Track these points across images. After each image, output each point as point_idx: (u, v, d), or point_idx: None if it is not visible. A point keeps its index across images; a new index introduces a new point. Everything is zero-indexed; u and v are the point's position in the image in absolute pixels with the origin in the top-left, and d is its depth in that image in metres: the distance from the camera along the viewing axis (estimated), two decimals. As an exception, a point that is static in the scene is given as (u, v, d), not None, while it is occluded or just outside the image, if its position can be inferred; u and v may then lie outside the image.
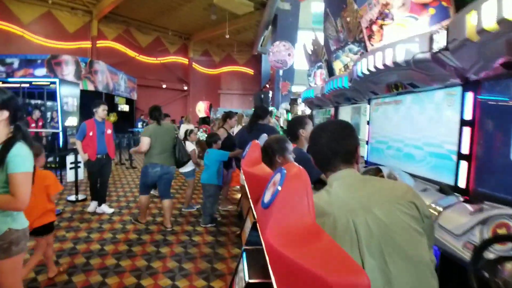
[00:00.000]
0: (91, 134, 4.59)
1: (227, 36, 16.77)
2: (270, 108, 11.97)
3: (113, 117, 13.30)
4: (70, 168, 5.18)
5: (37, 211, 2.57)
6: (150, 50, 20.01)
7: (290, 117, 9.21)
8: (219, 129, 4.75)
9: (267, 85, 19.90)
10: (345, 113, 3.87)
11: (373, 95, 2.80)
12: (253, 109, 14.87)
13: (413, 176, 2.30)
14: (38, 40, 14.85)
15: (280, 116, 12.15)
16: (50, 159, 7.92)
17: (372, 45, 2.66)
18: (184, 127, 10.79)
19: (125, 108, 14.51)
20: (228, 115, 4.85)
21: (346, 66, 3.45)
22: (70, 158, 5.18)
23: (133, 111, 15.96)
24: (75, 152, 5.18)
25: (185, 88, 22.03)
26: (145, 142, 3.92)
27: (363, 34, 2.76)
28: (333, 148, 1.16)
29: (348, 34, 3.26)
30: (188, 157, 4.30)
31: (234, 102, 23.90)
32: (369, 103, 2.95)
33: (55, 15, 15.50)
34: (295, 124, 2.63)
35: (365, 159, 3.02)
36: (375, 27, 2.54)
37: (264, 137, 3.53)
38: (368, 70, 2.32)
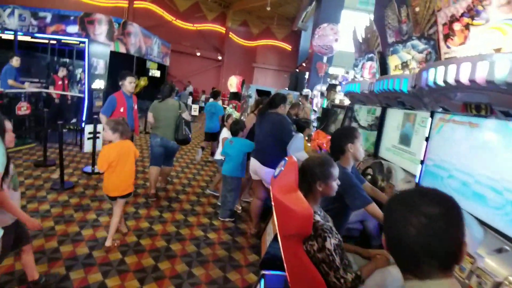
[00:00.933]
0: (122, 110, 4.15)
1: (268, 8, 15.87)
2: (306, 90, 11.32)
3: (143, 81, 13.17)
4: (88, 139, 4.97)
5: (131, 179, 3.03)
6: (188, 16, 19.51)
7: (325, 103, 8.59)
8: (250, 115, 4.34)
9: (304, 64, 18.97)
10: (394, 117, 3.31)
11: (440, 108, 2.25)
12: (286, 89, 14.28)
13: (482, 223, 1.80)
14: (77, -5, 14.75)
15: (313, 98, 11.50)
16: (74, 120, 7.96)
17: (448, 47, 2.08)
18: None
19: (156, 73, 14.31)
20: (261, 102, 4.40)
21: (405, 64, 2.86)
22: (88, 128, 4.97)
23: (164, 77, 15.74)
24: (96, 121, 4.95)
25: (220, 58, 21.53)
26: (149, 116, 4.30)
27: (437, 31, 2.18)
28: (428, 245, 0.75)
29: (414, 26, 2.65)
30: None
31: (268, 77, 23.19)
32: (431, 116, 2.40)
33: (95, -30, 15.25)
34: (342, 137, 2.17)
35: (416, 181, 2.51)
36: (457, 26, 1.95)
37: (298, 140, 3.16)
38: (446, 82, 1.78)
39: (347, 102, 6.01)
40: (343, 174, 1.97)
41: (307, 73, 12.51)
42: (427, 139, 2.44)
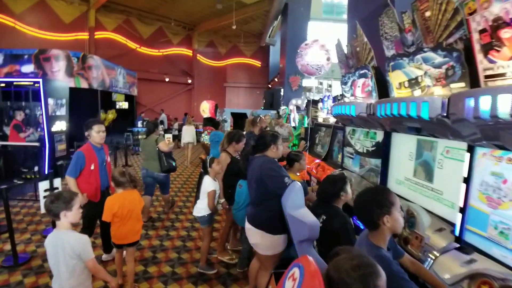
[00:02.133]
0: (92, 167, 3.33)
1: (234, 27, 15.52)
2: (283, 107, 10.82)
3: (111, 114, 12.28)
4: (44, 197, 4.09)
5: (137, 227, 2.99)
6: (152, 42, 18.85)
7: (306, 121, 8.08)
8: (222, 153, 3.65)
9: (276, 79, 18.68)
10: (403, 144, 2.76)
11: (485, 142, 1.69)
12: (262, 108, 13.77)
13: None
14: (31, 31, 13.79)
15: (290, 113, 11.01)
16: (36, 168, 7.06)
17: (492, 61, 1.54)
18: (185, 129, 9.75)
19: (124, 105, 13.42)
20: (233, 136, 3.67)
21: (414, 82, 2.33)
22: (43, 185, 4.10)
23: (133, 107, 14.86)
24: (52, 175, 4.10)
25: (189, 81, 20.90)
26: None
27: (472, 40, 1.64)
28: None
29: (425, 35, 2.14)
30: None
31: (241, 96, 22.75)
32: (470, 151, 1.84)
33: (49, 4, 14.38)
34: (373, 206, 1.54)
35: (457, 233, 1.93)
36: (506, 33, 1.42)
37: (295, 192, 2.24)
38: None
39: (332, 120, 5.51)
40: (380, 260, 1.34)
41: (282, 90, 12.05)
42: (467, 179, 1.87)
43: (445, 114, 1.75)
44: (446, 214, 2.18)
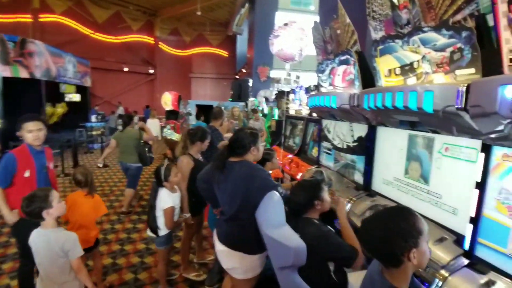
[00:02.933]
0: (27, 174, 2.56)
1: (199, 13, 14.70)
2: (251, 99, 10.38)
3: (61, 108, 11.13)
4: None
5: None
6: (109, 27, 17.49)
7: (277, 114, 7.71)
8: (183, 156, 3.04)
9: (244, 70, 18.17)
10: (391, 139, 2.43)
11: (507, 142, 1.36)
12: (230, 100, 13.21)
13: None
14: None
15: (259, 106, 10.64)
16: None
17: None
18: (150, 123, 9.00)
19: (76, 97, 12.14)
20: (196, 134, 3.07)
21: (408, 68, 1.99)
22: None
23: (86, 100, 13.50)
24: None
25: (151, 71, 19.76)
26: (112, 142, 4.94)
27: (497, 12, 1.29)
28: None
29: (425, 12, 1.79)
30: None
31: (207, 87, 21.96)
32: (485, 150, 1.52)
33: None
34: (396, 239, 1.06)
35: (466, 247, 1.62)
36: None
37: (271, 204, 1.80)
38: None
39: (304, 112, 5.17)
40: None
41: (250, 81, 11.59)
42: (480, 185, 1.54)
43: (461, 106, 1.39)
44: (447, 221, 1.87)
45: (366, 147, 2.71)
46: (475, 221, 1.58)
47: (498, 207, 1.48)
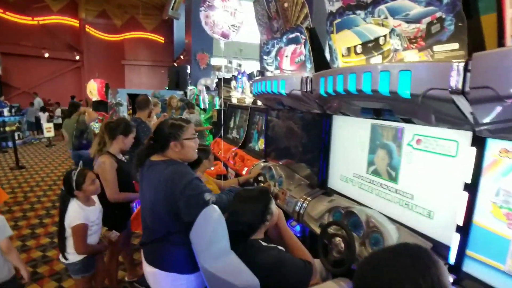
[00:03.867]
0: None
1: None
2: (190, 88, 9.64)
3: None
4: None
5: None
6: (23, 7, 15.13)
7: (218, 103, 7.17)
8: (102, 156, 2.41)
9: (182, 56, 17.14)
10: (350, 129, 2.11)
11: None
12: (166, 88, 12.24)
13: None
14: None
15: (199, 94, 9.99)
16: None
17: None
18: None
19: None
20: (118, 128, 2.48)
21: (373, 45, 1.65)
22: None
23: (-3, 90, 11.52)
24: None
25: (77, 57, 17.68)
26: (65, 136, 5.11)
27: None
28: None
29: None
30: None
31: (143, 75, 20.40)
32: (476, 144, 1.21)
33: None
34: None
35: (451, 261, 1.33)
36: None
37: (209, 222, 1.36)
38: None
39: (248, 100, 4.74)
40: None
41: (188, 67, 10.82)
42: (470, 187, 1.25)
43: (457, 89, 1.06)
44: (420, 226, 1.59)
45: (321, 139, 2.37)
46: (463, 230, 1.29)
47: (494, 212, 1.19)
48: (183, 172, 1.67)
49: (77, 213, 2.06)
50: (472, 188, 1.24)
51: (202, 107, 8.62)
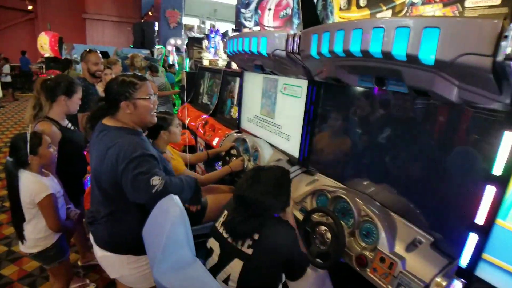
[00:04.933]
0: None
1: None
2: (158, 47, 8.87)
3: None
4: None
5: None
6: None
7: (188, 65, 6.60)
8: (41, 123, 1.95)
9: (150, 13, 15.81)
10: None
11: None
12: (131, 46, 11.22)
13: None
14: None
15: (168, 55, 9.30)
16: None
17: None
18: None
19: None
20: (58, 87, 1.99)
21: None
22: None
23: None
24: None
25: (30, 7, 15.77)
26: None
27: None
28: None
29: None
30: None
31: (107, 32, 18.69)
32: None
33: None
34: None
35: (464, 264, 1.13)
36: None
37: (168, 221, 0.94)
38: None
39: (222, 63, 4.30)
40: None
41: (156, 24, 9.92)
42: (499, 180, 1.01)
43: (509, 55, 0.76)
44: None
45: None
46: (483, 230, 1.07)
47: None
48: (136, 144, 1.39)
49: (38, 184, 1.69)
50: (502, 181, 0.99)
51: (168, 68, 7.98)
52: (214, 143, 3.17)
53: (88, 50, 2.88)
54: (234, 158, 2.44)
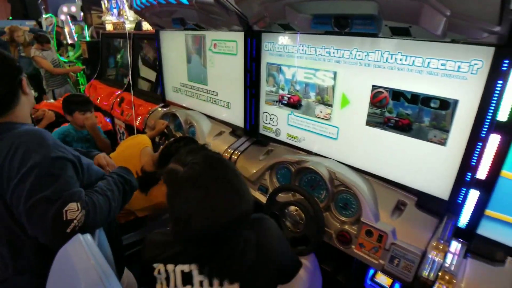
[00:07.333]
0: None
1: None
2: (46, 16, 7.36)
3: None
4: None
5: None
6: None
7: (89, 33, 5.56)
8: None
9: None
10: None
11: None
12: (10, 18, 9.15)
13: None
14: None
15: (64, 26, 7.84)
16: None
17: None
18: None
19: None
20: None
21: None
22: None
23: None
24: None
25: None
26: None
27: None
28: None
29: None
30: None
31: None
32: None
33: None
34: None
35: (463, 224, 0.98)
36: None
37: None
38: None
39: (129, 26, 3.61)
40: None
41: (37, -12, 8.18)
42: (503, 126, 0.83)
43: None
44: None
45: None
46: (486, 185, 0.91)
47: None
48: (35, 144, 0.87)
49: None
50: (507, 129, 0.82)
51: (70, 42, 6.75)
52: (137, 123, 2.67)
53: None
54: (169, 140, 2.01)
